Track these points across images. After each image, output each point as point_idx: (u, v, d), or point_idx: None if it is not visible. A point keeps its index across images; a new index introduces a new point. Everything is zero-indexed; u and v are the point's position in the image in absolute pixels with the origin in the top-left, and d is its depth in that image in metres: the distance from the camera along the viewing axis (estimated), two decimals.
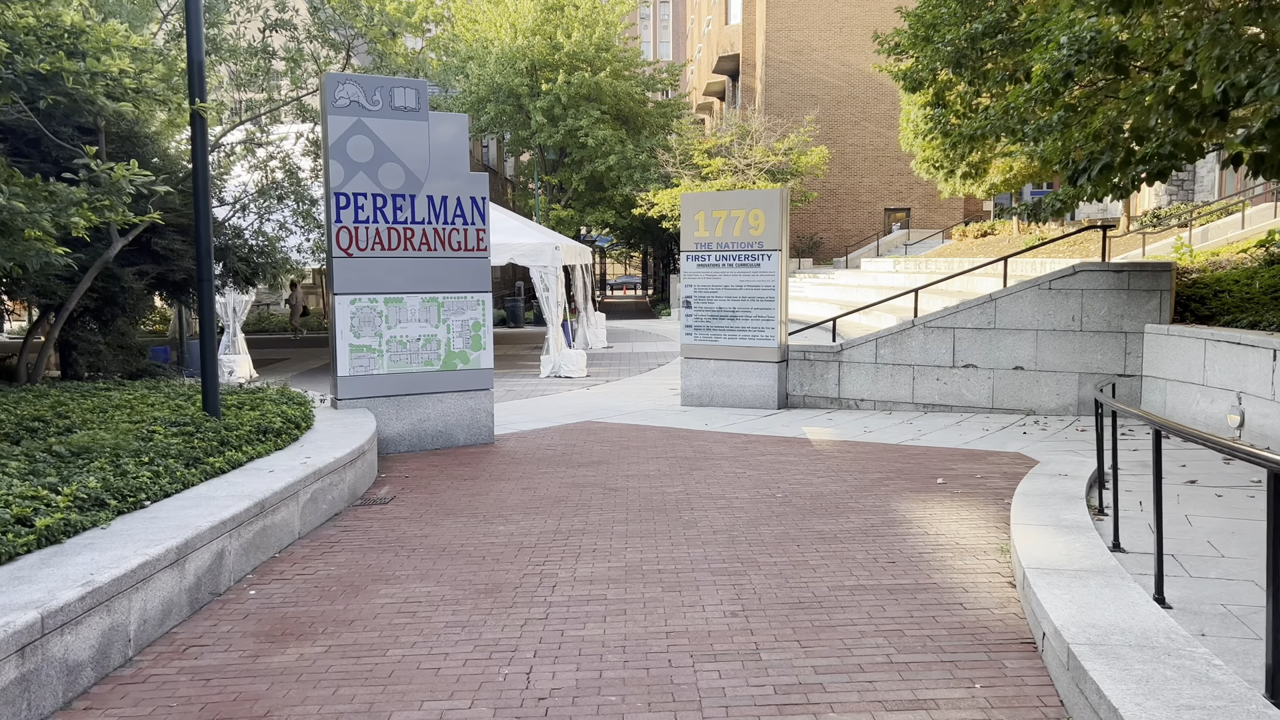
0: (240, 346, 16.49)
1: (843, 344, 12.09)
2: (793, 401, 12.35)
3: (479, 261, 9.71)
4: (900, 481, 7.53)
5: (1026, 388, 11.16)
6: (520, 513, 6.75)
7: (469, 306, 9.70)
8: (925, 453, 8.87)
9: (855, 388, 12.02)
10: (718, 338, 12.46)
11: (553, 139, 32.21)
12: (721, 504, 6.86)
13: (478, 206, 9.68)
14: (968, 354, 11.40)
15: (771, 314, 12.10)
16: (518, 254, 16.52)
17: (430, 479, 8.06)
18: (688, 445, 9.56)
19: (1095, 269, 10.80)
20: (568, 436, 10.23)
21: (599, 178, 33.29)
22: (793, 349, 12.35)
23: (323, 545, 5.99)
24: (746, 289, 12.22)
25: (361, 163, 9.13)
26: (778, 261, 12.02)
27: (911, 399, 11.71)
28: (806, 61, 36.27)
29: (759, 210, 12.07)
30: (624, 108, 33.71)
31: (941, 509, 6.57)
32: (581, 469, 8.36)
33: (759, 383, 12.24)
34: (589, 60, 32.30)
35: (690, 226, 12.52)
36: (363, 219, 9.17)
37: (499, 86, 31.94)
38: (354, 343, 9.24)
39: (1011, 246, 25.24)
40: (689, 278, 12.60)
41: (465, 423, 9.76)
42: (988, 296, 11.28)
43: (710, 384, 12.54)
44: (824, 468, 8.18)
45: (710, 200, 12.42)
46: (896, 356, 11.77)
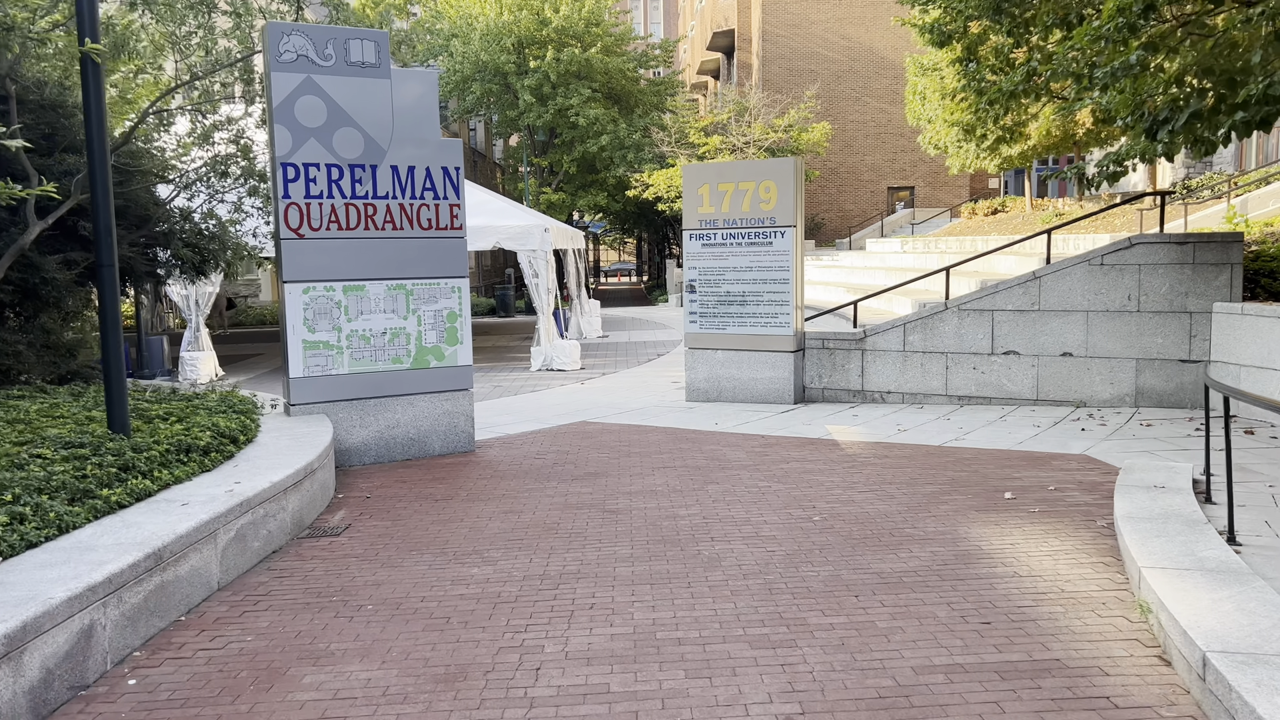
0: (204, 343, 15.16)
1: (866, 330, 10.81)
2: (810, 395, 11.08)
3: (453, 242, 8.40)
4: (959, 496, 6.26)
5: (1076, 376, 9.89)
6: (500, 547, 5.47)
7: (442, 294, 8.39)
8: (976, 457, 7.60)
9: (881, 379, 10.74)
10: (726, 325, 11.17)
11: (542, 119, 30.78)
12: (748, 531, 5.58)
13: (450, 178, 8.36)
14: (1008, 340, 10.13)
15: (785, 298, 10.81)
16: (504, 237, 15.20)
17: (396, 499, 6.78)
18: (698, 450, 8.28)
19: (1154, 241, 9.52)
20: (560, 441, 8.94)
21: (591, 159, 31.89)
22: (809, 337, 11.07)
23: (246, 600, 4.70)
24: (757, 271, 10.93)
25: (312, 128, 7.80)
26: (792, 239, 10.72)
27: (945, 391, 10.44)
28: (805, 35, 34.85)
29: (770, 182, 10.76)
30: (616, 86, 32.28)
31: (1022, 536, 5.30)
32: (575, 484, 7.08)
33: (773, 375, 10.96)
34: (578, 36, 30.85)
35: (693, 201, 11.21)
36: (315, 194, 7.85)
37: (484, 65, 30.49)
38: (308, 338, 7.93)
39: (1027, 223, 23.98)
40: (693, 259, 11.29)
41: (441, 429, 8.47)
42: (1031, 274, 10.00)
43: (718, 377, 11.26)
44: (863, 479, 6.90)
45: (715, 172, 11.11)
46: (927, 343, 10.50)
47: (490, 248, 15.25)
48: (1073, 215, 21.16)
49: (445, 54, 31.43)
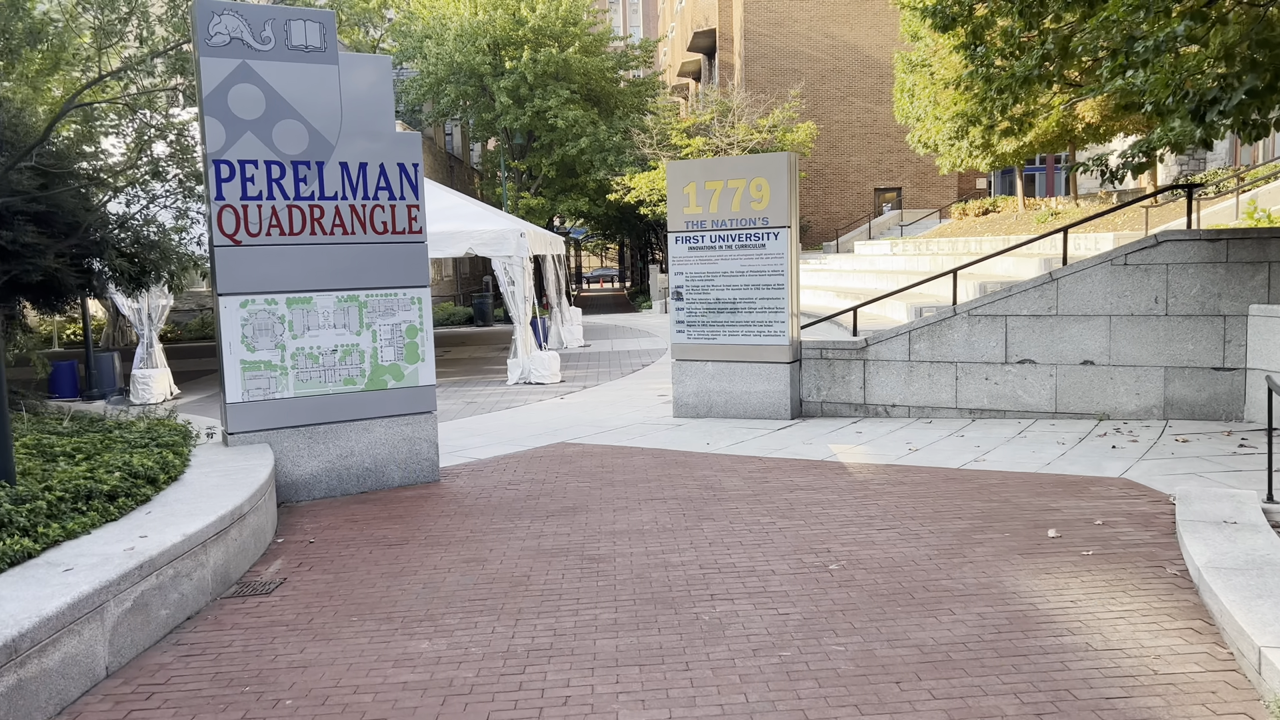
0: (157, 359, 14.17)
1: (868, 339, 9.97)
2: (808, 409, 10.23)
3: (411, 247, 7.49)
4: (995, 535, 5.41)
5: (1098, 387, 9.08)
6: (458, 610, 4.57)
7: (401, 306, 7.48)
8: (1003, 482, 6.75)
9: (884, 391, 9.90)
10: (715, 335, 10.30)
11: (519, 121, 29.88)
12: (753, 585, 4.71)
13: (408, 176, 7.46)
14: (1024, 347, 9.31)
15: (780, 305, 9.96)
16: (477, 243, 14.30)
17: (343, 545, 5.86)
18: (689, 476, 7.41)
19: (1183, 238, 8.73)
20: (535, 467, 8.04)
21: (570, 162, 31.00)
22: (806, 346, 10.22)
23: (138, 693, 3.79)
24: (749, 275, 10.07)
25: (249, 120, 6.89)
26: (786, 241, 9.88)
27: (954, 403, 9.61)
28: (788, 34, 34.12)
29: (762, 179, 9.92)
30: (595, 87, 31.42)
31: (1082, 589, 4.45)
32: (551, 521, 6.18)
33: (767, 388, 10.11)
34: (555, 36, 29.98)
35: (678, 201, 10.36)
36: (253, 195, 6.93)
37: (459, 66, 29.56)
38: (248, 358, 7.00)
39: (1021, 224, 23.28)
40: (679, 263, 10.43)
41: (401, 457, 7.56)
42: (1048, 276, 9.19)
43: (708, 391, 10.39)
44: (879, 512, 6.04)
45: (702, 169, 10.26)
46: (935, 352, 9.67)
47: (463, 254, 14.35)
48: (1071, 214, 20.47)
49: (419, 56, 30.47)
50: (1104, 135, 18.26)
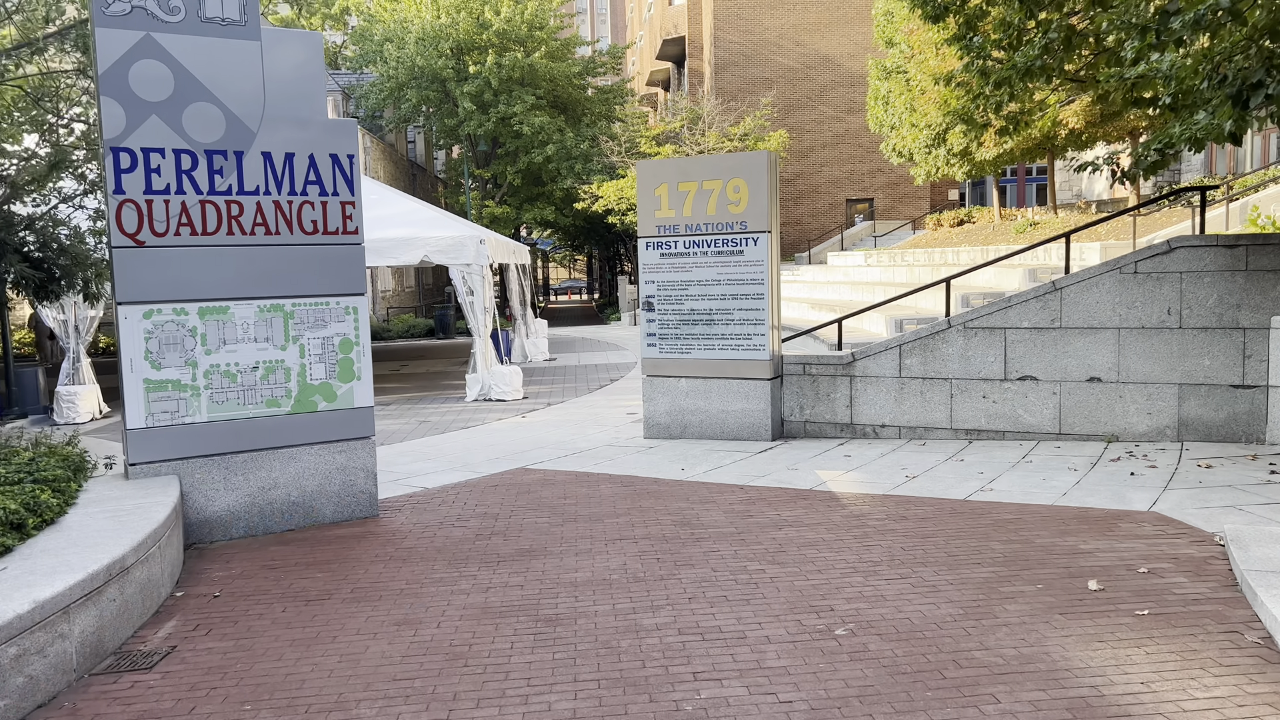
0: (85, 375, 13.08)
1: (855, 353, 9.18)
2: (790, 429, 9.41)
3: (345, 250, 6.58)
4: (1025, 586, 4.59)
5: (1106, 406, 8.34)
6: (378, 697, 3.67)
7: (333, 317, 6.56)
8: (1018, 517, 5.95)
9: (873, 410, 9.11)
10: (690, 349, 9.47)
11: (483, 128, 28.97)
12: (746, 660, 3.85)
13: (342, 169, 6.55)
14: (1024, 363, 8.56)
15: (760, 316, 9.15)
16: (433, 249, 13.37)
17: (254, 600, 4.93)
18: (663, 509, 6.54)
19: (1199, 245, 8.02)
20: (489, 498, 7.14)
21: (536, 170, 30.12)
22: (788, 361, 9.41)
23: None
24: (727, 284, 9.26)
25: (155, 102, 5.96)
26: (766, 247, 9.08)
27: (949, 424, 8.84)
28: (759, 41, 33.52)
29: (739, 180, 9.12)
30: (562, 93, 30.60)
31: (1150, 666, 3.63)
32: (502, 569, 5.29)
33: (746, 406, 9.28)
34: (521, 40, 29.14)
35: (649, 204, 9.52)
36: (159, 188, 5.99)
37: (420, 70, 28.60)
38: (153, 377, 6.05)
39: (998, 234, 22.75)
40: (650, 271, 9.59)
41: (333, 489, 6.62)
42: (1050, 285, 8.45)
43: (682, 409, 9.55)
44: (885, 556, 5.21)
45: (676, 169, 9.43)
46: (927, 368, 8.89)
47: (418, 262, 13.42)
48: (1052, 224, 19.92)
49: (379, 59, 29.48)
50: (1086, 142, 17.71)
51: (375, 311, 28.21)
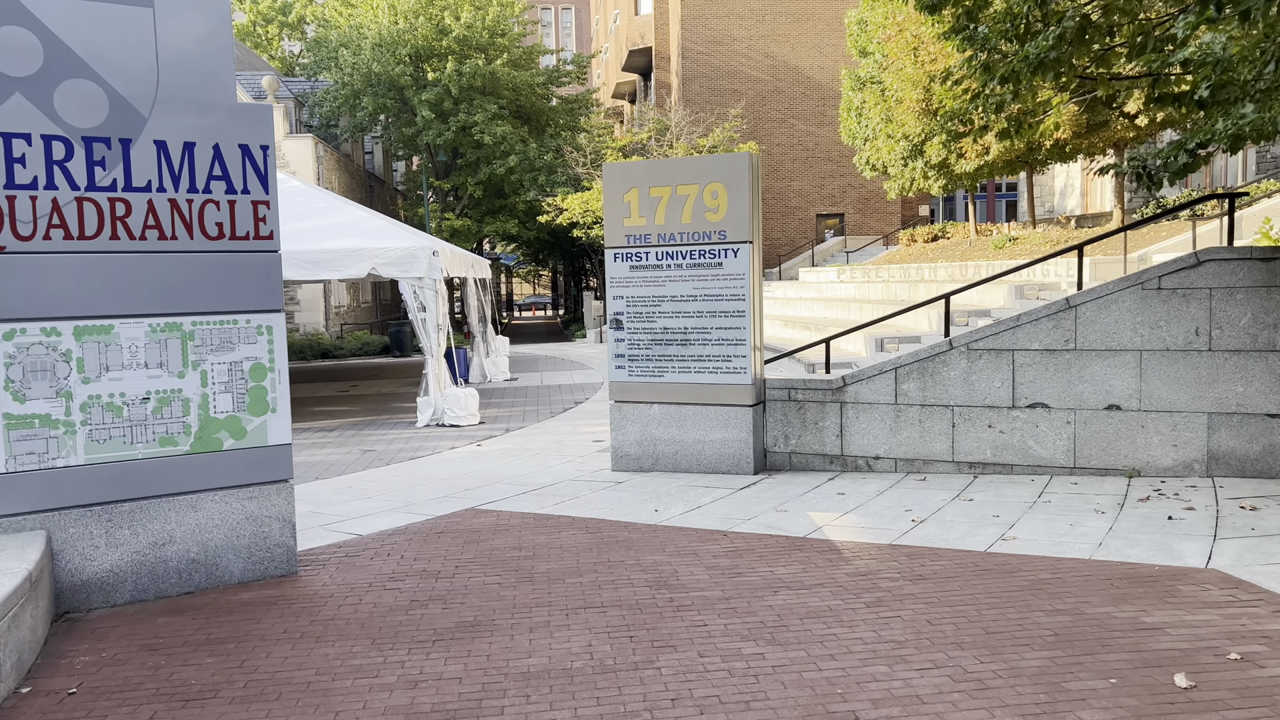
0: None
1: (845, 377, 8.27)
2: (774, 461, 8.48)
3: (258, 259, 5.55)
4: (1093, 679, 3.66)
5: (1126, 436, 7.49)
6: None
7: (244, 338, 5.52)
8: (1055, 575, 5.03)
9: (866, 440, 8.20)
10: (663, 371, 8.51)
11: (443, 137, 27.89)
12: None
13: (254, 162, 5.52)
14: (1035, 388, 7.69)
15: (741, 336, 8.22)
16: (381, 262, 12.32)
17: (119, 697, 3.87)
18: (635, 564, 5.56)
19: (1230, 257, 7.21)
20: (431, 549, 6.11)
21: (498, 182, 29.08)
22: (771, 385, 8.49)
23: None
24: (704, 300, 8.32)
25: (18, 77, 4.91)
26: (747, 259, 8.17)
27: (951, 455, 7.95)
28: (727, 52, 32.82)
29: (718, 185, 8.20)
30: (525, 103, 29.63)
31: None
32: (438, 651, 4.27)
33: (725, 436, 8.33)
34: (482, 47, 28.15)
35: (618, 211, 8.58)
36: (24, 182, 4.93)
37: (377, 77, 27.50)
38: (16, 412, 4.97)
39: (976, 249, 22.08)
40: (618, 285, 8.63)
41: (242, 542, 5.56)
42: (1064, 302, 7.61)
43: (654, 439, 8.58)
44: (908, 631, 4.26)
45: (647, 171, 8.50)
46: (927, 394, 8.00)
47: (364, 275, 12.35)
48: (1033, 240, 19.27)
49: (333, 66, 28.34)
50: (1070, 154, 17.05)
51: (328, 328, 26.98)
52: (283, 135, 25.82)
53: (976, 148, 16.78)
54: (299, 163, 25.62)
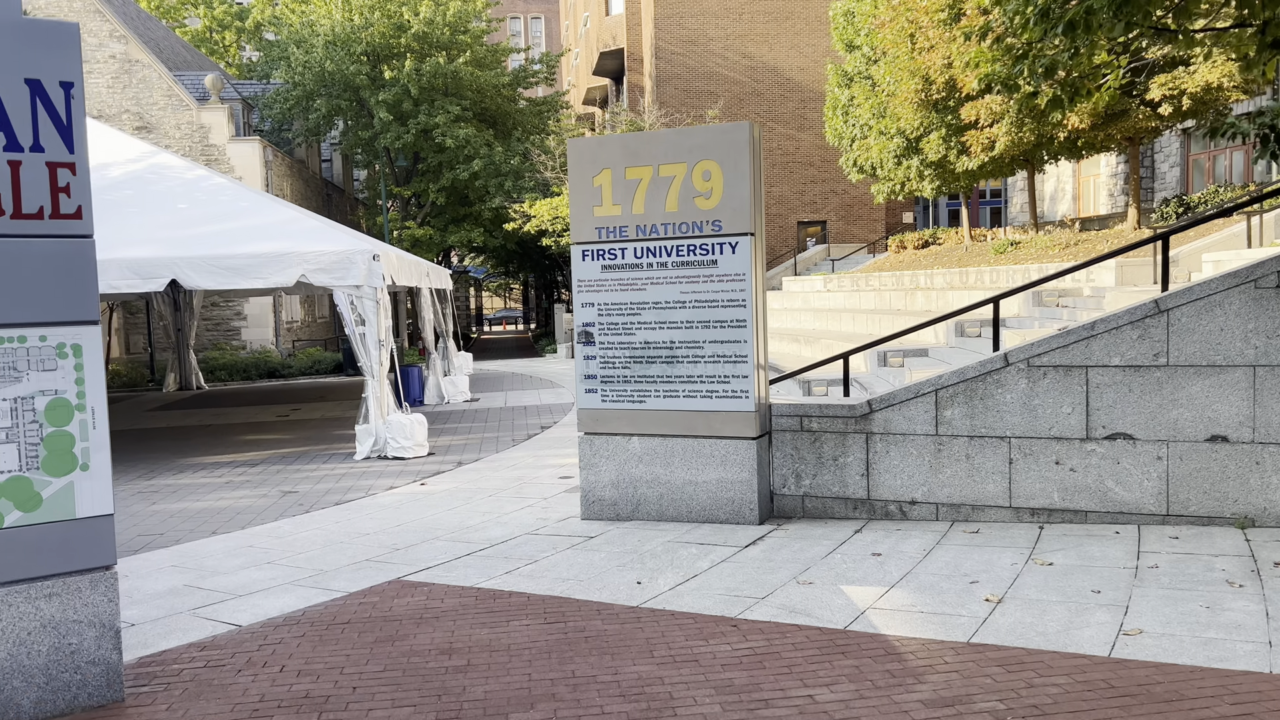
0: None
1: (873, 401, 6.63)
2: (783, 506, 6.82)
3: (60, 247, 3.81)
4: None
5: (1237, 476, 5.89)
6: None
7: (35, 362, 3.77)
8: (1241, 713, 3.39)
9: (899, 480, 6.55)
10: (644, 396, 6.84)
11: (401, 140, 26.13)
12: None
13: (49, 107, 3.79)
14: (1115, 414, 6.09)
15: (742, 351, 6.57)
16: (312, 267, 10.56)
17: None
18: (611, 681, 3.87)
19: None
20: (324, 655, 4.38)
21: (462, 188, 27.33)
22: (779, 411, 6.83)
23: None
24: (695, 307, 6.66)
25: None
26: (748, 254, 6.53)
27: (1007, 500, 6.32)
28: (703, 53, 31.35)
29: (711, 164, 6.56)
30: (490, 105, 27.94)
31: None
32: None
33: (722, 476, 6.66)
34: (443, 45, 26.45)
35: (586, 198, 6.91)
36: None
37: (330, 76, 25.71)
38: None
39: (974, 255, 20.63)
40: (588, 289, 6.96)
41: (35, 662, 3.80)
42: (1152, 305, 6.01)
43: (634, 480, 6.89)
44: None
45: (622, 148, 6.83)
46: (976, 422, 6.37)
47: (292, 283, 10.60)
48: (1039, 244, 17.81)
49: (284, 65, 26.51)
50: (1081, 149, 15.62)
51: (278, 344, 25.07)
52: (227, 138, 23.97)
53: (983, 140, 15.27)
54: (245, 167, 23.77)
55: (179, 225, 11.20)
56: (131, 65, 23.78)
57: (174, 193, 12.07)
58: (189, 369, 20.41)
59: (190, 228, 11.11)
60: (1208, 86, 13.01)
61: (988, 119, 14.40)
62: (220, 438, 12.99)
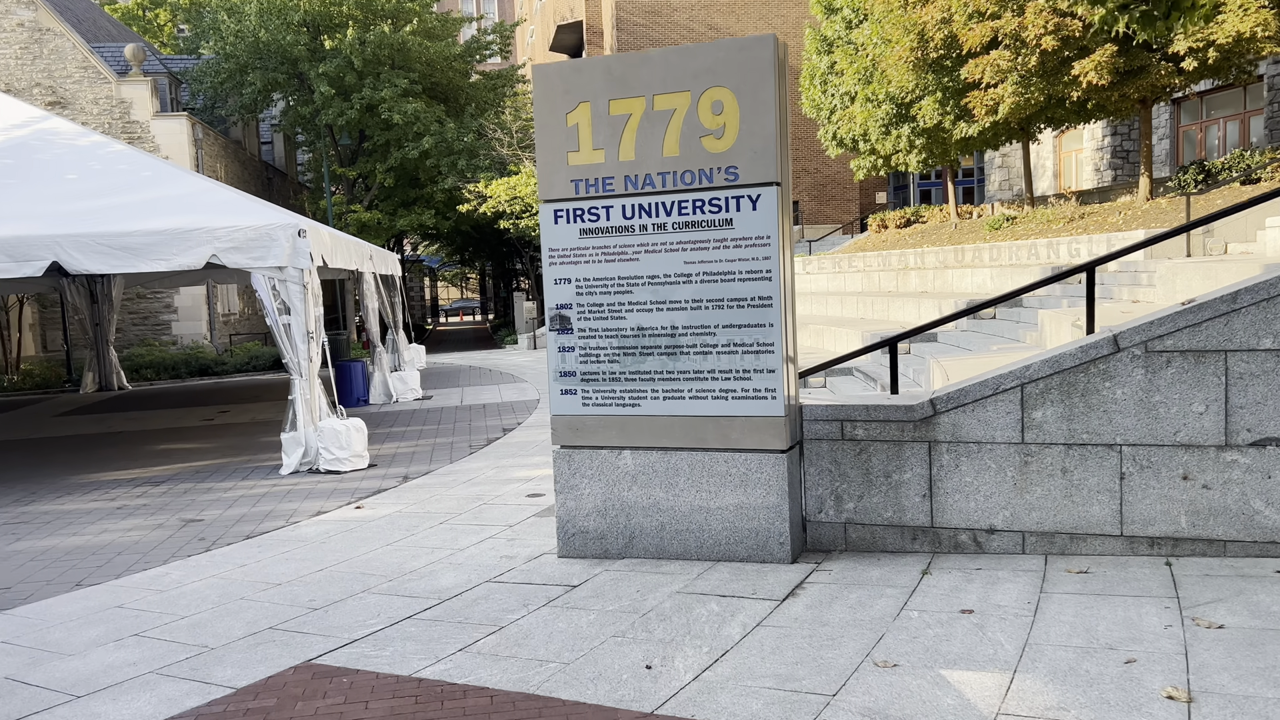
0: None
1: (937, 399, 5.10)
2: (820, 536, 5.30)
3: None
4: None
5: None
6: None
7: None
8: None
9: (972, 502, 5.05)
10: (639, 398, 5.27)
11: (345, 117, 24.17)
12: None
13: None
14: (1265, 414, 4.62)
15: (767, 337, 5.03)
16: (224, 245, 8.82)
17: None
18: None
19: None
20: None
21: (412, 168, 25.44)
22: (813, 415, 5.29)
23: None
24: (704, 281, 5.10)
25: None
26: (774, 211, 4.98)
27: (1118, 526, 4.84)
28: (666, 24, 29.70)
29: (722, 92, 5.00)
30: (441, 79, 26.05)
31: None
32: None
33: (743, 500, 5.12)
34: (389, 13, 24.51)
35: (558, 141, 5.31)
36: None
37: (265, 46, 23.67)
38: None
39: (967, 231, 19.28)
40: (562, 261, 5.35)
41: None
42: None
43: (626, 506, 5.32)
44: None
45: (605, 75, 5.21)
46: (1075, 425, 4.87)
47: (201, 264, 8.84)
48: (1038, 217, 16.46)
49: (215, 35, 24.41)
50: (1092, 111, 14.26)
51: (213, 339, 23.09)
52: (151, 114, 21.89)
53: (987, 101, 13.82)
54: (171, 146, 21.73)
55: (66, 199, 9.39)
56: (42, 34, 21.61)
57: (62, 162, 10.23)
58: (109, 367, 18.44)
59: (78, 201, 9.31)
60: (1239, 37, 11.73)
61: (993, 77, 13.01)
62: (129, 448, 11.19)
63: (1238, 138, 21.94)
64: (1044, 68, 12.59)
